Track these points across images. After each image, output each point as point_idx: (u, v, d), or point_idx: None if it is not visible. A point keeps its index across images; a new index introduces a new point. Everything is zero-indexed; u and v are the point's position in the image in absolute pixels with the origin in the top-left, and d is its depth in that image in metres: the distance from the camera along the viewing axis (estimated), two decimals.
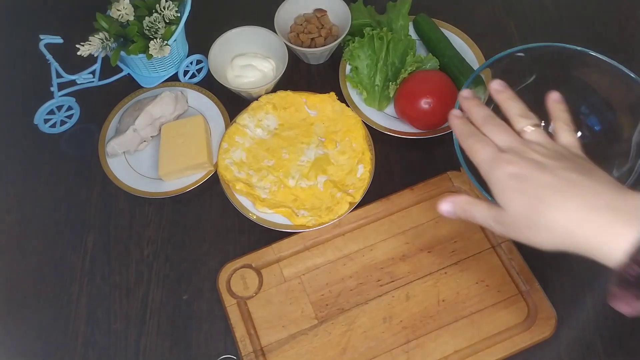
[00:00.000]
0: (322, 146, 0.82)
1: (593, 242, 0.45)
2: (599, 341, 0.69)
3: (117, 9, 0.80)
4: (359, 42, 0.83)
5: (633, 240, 0.42)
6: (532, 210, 0.47)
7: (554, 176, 0.47)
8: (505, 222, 0.50)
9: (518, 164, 0.49)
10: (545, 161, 0.49)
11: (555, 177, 0.47)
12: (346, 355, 0.69)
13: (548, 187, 0.47)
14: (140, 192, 0.80)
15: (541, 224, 0.47)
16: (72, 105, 0.86)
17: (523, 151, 0.50)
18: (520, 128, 0.53)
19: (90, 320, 0.74)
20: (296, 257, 0.75)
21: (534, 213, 0.47)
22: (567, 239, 0.47)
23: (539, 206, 0.47)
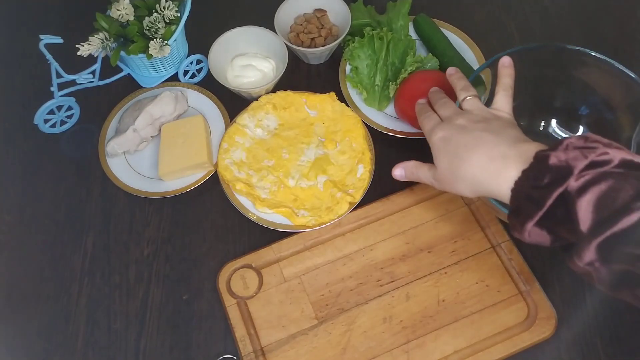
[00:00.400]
0: (322, 146, 0.82)
1: (492, 185, 0.55)
2: (599, 341, 0.69)
3: (117, 9, 0.80)
4: (359, 42, 0.83)
5: (514, 178, 0.52)
6: (452, 165, 0.59)
7: (469, 136, 0.58)
8: (438, 179, 0.62)
9: (446, 130, 0.61)
10: (467, 125, 0.60)
11: (470, 137, 0.58)
12: (346, 355, 0.69)
13: (463, 145, 0.58)
14: (140, 192, 0.80)
15: (459, 176, 0.58)
16: (72, 105, 0.86)
17: (454, 119, 0.62)
18: (461, 99, 0.65)
19: (90, 320, 0.74)
20: (296, 257, 0.75)
21: (454, 168, 0.59)
22: (477, 186, 0.57)
23: (456, 162, 0.58)
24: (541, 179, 0.50)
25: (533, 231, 0.52)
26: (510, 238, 0.74)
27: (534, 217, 0.50)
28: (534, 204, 0.50)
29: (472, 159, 0.57)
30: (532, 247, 0.74)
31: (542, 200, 0.49)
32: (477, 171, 0.56)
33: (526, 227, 0.52)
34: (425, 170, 0.64)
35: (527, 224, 0.51)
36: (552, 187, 0.49)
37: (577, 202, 0.47)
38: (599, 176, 0.47)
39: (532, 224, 0.51)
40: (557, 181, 0.49)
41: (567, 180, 0.48)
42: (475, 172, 0.57)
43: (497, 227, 0.75)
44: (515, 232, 0.54)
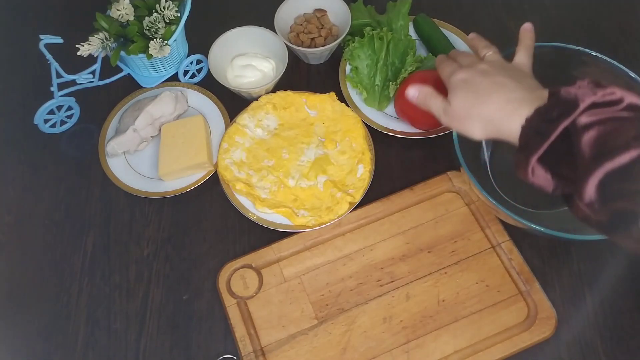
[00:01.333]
0: (322, 146, 0.82)
1: (504, 124, 0.57)
2: (599, 341, 0.69)
3: (117, 9, 0.80)
4: (359, 42, 0.83)
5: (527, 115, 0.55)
6: (468, 104, 0.61)
7: (490, 81, 0.61)
8: (450, 114, 0.63)
9: (468, 73, 0.63)
10: (489, 70, 0.62)
11: (490, 80, 0.61)
12: (346, 355, 0.69)
13: (483, 87, 0.60)
14: (140, 192, 0.80)
15: (474, 115, 0.60)
16: (72, 105, 0.86)
17: (476, 65, 0.64)
18: (483, 54, 0.67)
19: (90, 320, 0.74)
20: (296, 257, 0.75)
21: (469, 106, 0.61)
22: (489, 125, 0.59)
23: (473, 101, 0.60)
24: (551, 113, 0.52)
25: (537, 170, 0.53)
26: (510, 238, 0.74)
27: (538, 150, 0.52)
28: (540, 137, 0.52)
29: (491, 99, 0.59)
30: (532, 247, 0.74)
31: (548, 132, 0.51)
32: (493, 111, 0.58)
33: (530, 162, 0.53)
34: (439, 102, 0.65)
35: (532, 157, 0.53)
36: (559, 120, 0.51)
37: (581, 136, 0.49)
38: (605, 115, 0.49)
39: (536, 157, 0.52)
40: (565, 113, 0.51)
41: (574, 113, 0.50)
42: (491, 111, 0.58)
43: (497, 227, 0.75)
44: (520, 171, 0.55)
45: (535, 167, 0.54)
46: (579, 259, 0.74)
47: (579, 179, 0.49)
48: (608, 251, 0.74)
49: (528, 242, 0.75)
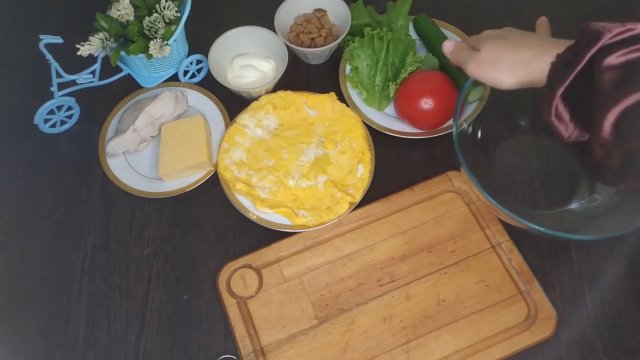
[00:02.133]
0: (322, 146, 0.82)
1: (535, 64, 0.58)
2: (599, 341, 0.69)
3: (117, 9, 0.80)
4: (359, 42, 0.83)
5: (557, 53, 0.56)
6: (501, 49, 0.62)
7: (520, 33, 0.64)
8: (479, 60, 0.64)
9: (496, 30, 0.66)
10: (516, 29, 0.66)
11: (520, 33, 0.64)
12: (346, 355, 0.69)
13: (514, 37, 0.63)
14: (140, 192, 0.80)
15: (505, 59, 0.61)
16: (72, 105, 0.86)
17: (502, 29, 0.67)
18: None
19: (90, 320, 0.74)
20: (296, 257, 0.75)
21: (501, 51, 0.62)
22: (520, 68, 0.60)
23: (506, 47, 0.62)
24: (579, 45, 0.54)
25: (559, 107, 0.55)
26: (510, 238, 0.74)
27: (565, 82, 0.53)
28: (567, 69, 0.54)
29: (522, 44, 0.61)
30: (532, 247, 0.74)
31: (574, 63, 0.53)
32: (525, 52, 0.59)
33: (556, 95, 0.54)
34: (467, 52, 0.66)
35: (558, 90, 0.54)
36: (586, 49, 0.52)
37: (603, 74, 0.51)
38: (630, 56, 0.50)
39: (561, 90, 0.54)
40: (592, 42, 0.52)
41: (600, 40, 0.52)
42: (523, 53, 0.60)
43: (497, 227, 0.75)
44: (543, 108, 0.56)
45: (559, 103, 0.54)
46: (579, 259, 0.74)
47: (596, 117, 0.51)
48: (608, 251, 0.75)
49: (528, 242, 0.75)
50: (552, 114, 0.56)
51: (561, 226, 0.73)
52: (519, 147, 0.81)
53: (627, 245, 0.75)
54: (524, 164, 0.80)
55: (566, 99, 0.54)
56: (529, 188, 0.79)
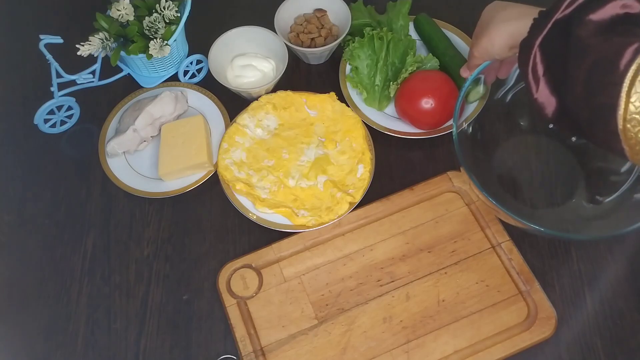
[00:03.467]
0: (322, 146, 0.82)
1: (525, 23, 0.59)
2: (599, 341, 0.69)
3: (117, 9, 0.80)
4: (359, 42, 0.83)
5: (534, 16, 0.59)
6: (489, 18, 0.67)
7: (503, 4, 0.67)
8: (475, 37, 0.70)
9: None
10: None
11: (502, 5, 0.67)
12: (346, 355, 0.69)
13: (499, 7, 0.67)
14: (140, 192, 0.80)
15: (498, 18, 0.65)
16: (72, 105, 0.86)
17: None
18: None
19: (90, 320, 0.74)
20: (296, 257, 0.75)
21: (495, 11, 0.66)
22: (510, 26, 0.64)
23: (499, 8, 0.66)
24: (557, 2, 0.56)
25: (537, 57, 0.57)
26: (510, 238, 0.74)
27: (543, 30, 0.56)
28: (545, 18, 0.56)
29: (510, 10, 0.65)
30: (532, 247, 0.74)
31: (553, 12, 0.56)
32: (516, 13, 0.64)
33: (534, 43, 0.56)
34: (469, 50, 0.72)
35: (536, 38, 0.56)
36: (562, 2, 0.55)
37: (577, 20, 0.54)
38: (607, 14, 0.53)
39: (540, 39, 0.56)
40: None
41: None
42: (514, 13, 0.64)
43: (497, 227, 0.75)
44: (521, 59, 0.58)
45: (537, 52, 0.57)
46: (579, 259, 0.74)
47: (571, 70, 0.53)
48: (608, 251, 0.75)
49: (528, 242, 0.75)
50: (530, 63, 0.57)
51: (561, 226, 0.73)
52: (519, 147, 0.81)
53: (627, 245, 0.75)
54: (524, 164, 0.80)
55: (543, 51, 0.57)
56: (529, 188, 0.79)
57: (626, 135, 0.50)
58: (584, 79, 0.52)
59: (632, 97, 0.49)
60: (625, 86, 0.49)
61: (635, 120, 0.49)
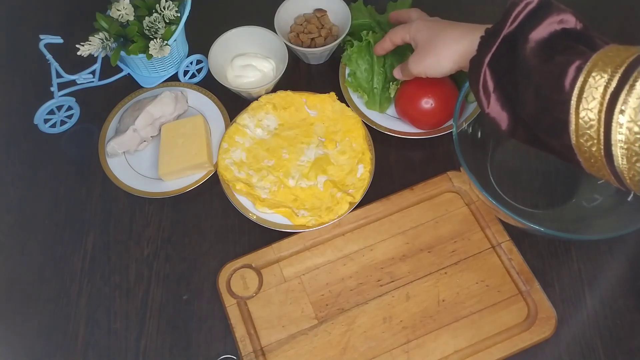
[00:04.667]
0: (322, 146, 0.82)
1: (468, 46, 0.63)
2: (599, 341, 0.69)
3: (117, 9, 0.80)
4: (358, 46, 0.83)
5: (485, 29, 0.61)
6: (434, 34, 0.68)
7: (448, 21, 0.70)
8: (417, 55, 0.71)
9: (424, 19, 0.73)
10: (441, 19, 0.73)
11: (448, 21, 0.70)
12: (346, 355, 0.69)
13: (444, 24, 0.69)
14: (140, 192, 0.80)
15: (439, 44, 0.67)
16: (72, 105, 0.86)
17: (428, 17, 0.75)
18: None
19: (90, 320, 0.74)
20: (296, 257, 0.75)
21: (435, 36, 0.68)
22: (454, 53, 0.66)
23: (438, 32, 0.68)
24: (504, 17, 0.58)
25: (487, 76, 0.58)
26: (510, 238, 0.74)
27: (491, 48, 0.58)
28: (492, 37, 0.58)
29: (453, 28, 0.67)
30: (532, 247, 0.74)
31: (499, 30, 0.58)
32: (457, 36, 0.65)
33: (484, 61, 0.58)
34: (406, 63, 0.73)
35: (485, 57, 0.58)
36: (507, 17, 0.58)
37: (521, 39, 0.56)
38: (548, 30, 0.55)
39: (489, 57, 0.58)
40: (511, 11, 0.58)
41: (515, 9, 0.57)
42: (455, 36, 0.66)
43: (497, 227, 0.75)
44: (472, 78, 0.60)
45: (487, 73, 0.58)
46: (579, 259, 0.74)
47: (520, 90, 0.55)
48: (608, 251, 0.75)
49: (528, 242, 0.75)
50: (480, 81, 0.59)
51: (561, 226, 0.73)
52: (519, 147, 0.80)
53: (627, 245, 0.75)
54: (524, 164, 0.80)
55: (492, 69, 0.58)
56: (529, 188, 0.79)
57: (580, 150, 0.52)
58: (532, 98, 0.54)
59: (580, 113, 0.50)
60: (573, 103, 0.50)
61: (587, 135, 0.50)
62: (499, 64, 0.58)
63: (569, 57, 0.51)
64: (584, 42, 0.54)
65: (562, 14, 0.56)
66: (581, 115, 0.50)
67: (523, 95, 0.55)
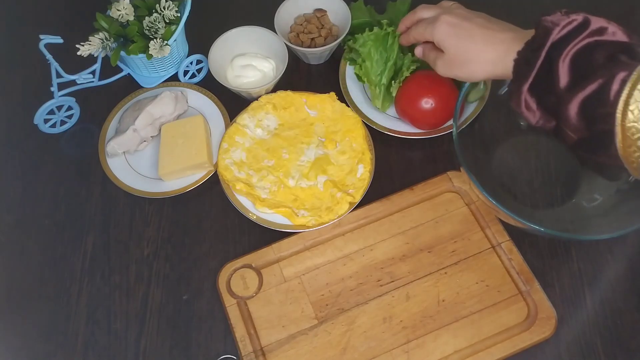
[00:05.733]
0: (322, 146, 0.82)
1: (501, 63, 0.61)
2: (599, 341, 0.69)
3: (117, 9, 0.80)
4: (375, 34, 0.80)
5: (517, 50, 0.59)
6: (465, 48, 0.64)
7: (476, 24, 0.65)
8: (447, 62, 0.67)
9: (450, 16, 0.66)
10: (469, 15, 0.67)
11: (477, 24, 0.65)
12: (346, 355, 0.69)
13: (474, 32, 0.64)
14: (140, 192, 0.80)
15: (472, 58, 0.64)
16: (72, 105, 0.86)
17: (450, 11, 0.68)
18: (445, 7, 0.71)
19: (90, 320, 0.74)
20: (296, 257, 0.75)
21: (466, 51, 0.64)
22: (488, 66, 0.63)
23: (470, 46, 0.64)
24: (534, 42, 0.57)
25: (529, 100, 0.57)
26: (510, 238, 0.74)
27: (528, 78, 0.56)
28: (528, 66, 0.56)
29: (486, 41, 0.63)
30: (532, 247, 0.74)
31: (534, 61, 0.56)
32: (489, 52, 0.62)
33: (522, 91, 0.57)
34: (433, 55, 0.70)
35: (523, 86, 0.57)
36: (540, 48, 0.56)
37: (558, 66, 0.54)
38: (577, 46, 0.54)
39: (527, 86, 0.57)
40: (544, 38, 0.56)
41: (548, 39, 0.55)
42: (488, 52, 0.62)
43: (497, 227, 0.75)
44: (514, 102, 0.59)
45: (527, 97, 0.57)
46: (579, 259, 0.74)
47: (562, 109, 0.54)
48: (608, 251, 0.75)
49: (528, 242, 0.75)
50: (522, 106, 0.58)
51: (561, 226, 0.73)
52: (519, 147, 0.81)
53: (627, 245, 0.75)
54: (524, 164, 0.80)
55: (532, 90, 0.57)
56: (529, 188, 0.79)
57: (628, 160, 0.52)
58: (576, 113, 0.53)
59: (627, 125, 0.50)
60: (618, 116, 0.50)
61: (635, 146, 0.50)
62: (539, 87, 0.57)
63: (612, 70, 0.51)
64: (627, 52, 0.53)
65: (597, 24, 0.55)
66: (627, 127, 0.50)
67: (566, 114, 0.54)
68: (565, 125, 0.55)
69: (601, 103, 0.51)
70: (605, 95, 0.50)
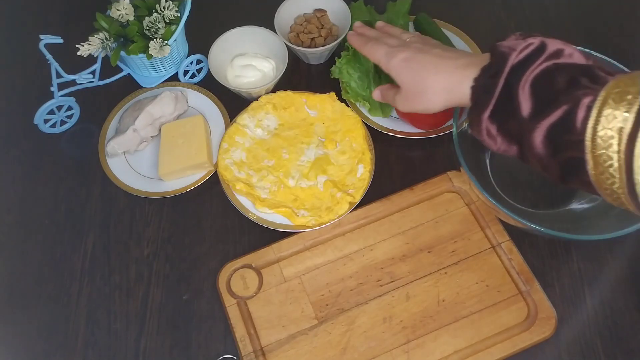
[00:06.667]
0: (322, 146, 0.82)
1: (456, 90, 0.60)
2: (599, 341, 0.69)
3: (117, 9, 0.80)
4: (345, 57, 0.82)
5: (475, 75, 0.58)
6: (419, 80, 0.64)
7: (431, 55, 0.64)
8: (404, 96, 0.67)
9: (406, 51, 0.66)
10: (424, 47, 0.66)
11: (431, 55, 0.64)
12: (346, 355, 0.69)
13: (427, 62, 0.64)
14: (140, 192, 0.80)
15: (427, 88, 0.63)
16: (72, 105, 0.86)
17: (409, 43, 0.68)
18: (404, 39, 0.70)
19: (90, 320, 0.74)
20: (296, 257, 0.75)
21: (421, 81, 0.64)
22: (444, 94, 0.62)
23: (423, 75, 0.64)
24: (491, 69, 0.56)
25: (490, 128, 0.56)
26: (510, 238, 0.74)
27: (488, 106, 0.55)
28: (487, 94, 0.55)
29: (438, 70, 0.62)
30: (532, 247, 0.74)
31: (492, 88, 0.55)
32: (443, 79, 0.61)
33: (482, 119, 0.56)
34: (392, 92, 0.70)
35: (483, 115, 0.56)
36: (500, 73, 0.54)
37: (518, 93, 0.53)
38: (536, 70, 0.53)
39: (487, 114, 0.56)
40: (502, 64, 0.54)
41: (505, 66, 0.54)
42: (442, 80, 0.62)
43: (497, 227, 0.75)
44: (474, 130, 0.59)
45: (488, 124, 0.56)
46: (579, 259, 0.74)
47: (525, 137, 0.53)
48: (608, 251, 0.75)
49: (528, 242, 0.75)
50: (484, 133, 0.58)
51: (561, 226, 0.73)
52: None
53: (627, 245, 0.75)
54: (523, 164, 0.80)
55: (493, 117, 0.56)
56: (529, 188, 0.79)
57: (601, 186, 0.50)
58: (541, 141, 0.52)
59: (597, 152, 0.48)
60: (587, 144, 0.49)
61: (607, 173, 0.49)
62: (500, 114, 0.56)
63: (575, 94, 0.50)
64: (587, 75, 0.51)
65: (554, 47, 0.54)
66: (598, 154, 0.48)
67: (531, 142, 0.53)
68: (530, 154, 0.54)
69: (567, 130, 0.50)
70: (572, 123, 0.49)
